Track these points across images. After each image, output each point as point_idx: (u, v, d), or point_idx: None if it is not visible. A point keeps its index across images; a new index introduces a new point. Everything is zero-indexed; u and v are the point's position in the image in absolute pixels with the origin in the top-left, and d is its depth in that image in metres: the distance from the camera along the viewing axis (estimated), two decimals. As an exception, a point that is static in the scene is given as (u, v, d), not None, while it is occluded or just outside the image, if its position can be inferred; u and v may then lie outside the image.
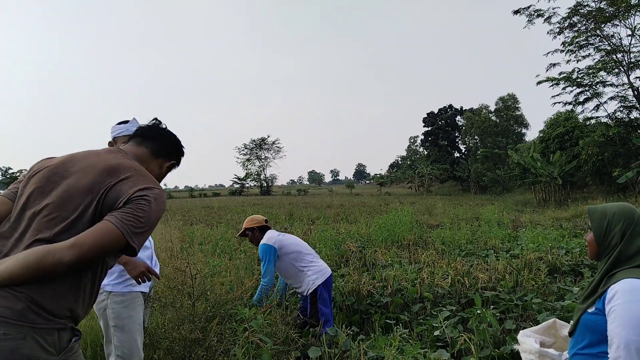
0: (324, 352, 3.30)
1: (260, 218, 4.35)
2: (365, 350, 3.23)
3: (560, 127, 30.83)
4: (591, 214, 2.07)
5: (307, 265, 4.25)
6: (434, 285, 5.37)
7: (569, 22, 25.87)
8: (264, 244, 4.16)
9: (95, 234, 1.48)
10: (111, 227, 1.50)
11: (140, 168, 1.75)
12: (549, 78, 27.58)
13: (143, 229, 1.56)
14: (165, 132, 2.01)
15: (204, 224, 14.86)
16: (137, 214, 1.55)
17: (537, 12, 26.48)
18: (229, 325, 3.43)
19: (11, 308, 1.41)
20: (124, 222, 1.51)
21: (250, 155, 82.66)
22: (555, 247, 7.54)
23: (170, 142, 2.00)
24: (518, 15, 27.03)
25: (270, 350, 2.92)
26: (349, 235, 9.31)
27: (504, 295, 5.03)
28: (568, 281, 5.85)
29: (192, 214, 21.67)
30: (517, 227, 12.30)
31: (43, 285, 1.46)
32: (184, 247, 7.99)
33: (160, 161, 1.96)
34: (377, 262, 7.03)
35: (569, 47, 26.36)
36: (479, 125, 54.00)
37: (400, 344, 3.09)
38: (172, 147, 2.01)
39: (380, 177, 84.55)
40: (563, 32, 26.46)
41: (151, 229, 1.62)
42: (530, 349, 2.39)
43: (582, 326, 2.03)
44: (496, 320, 3.90)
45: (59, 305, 1.50)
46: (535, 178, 26.74)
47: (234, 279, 5.12)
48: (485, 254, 7.46)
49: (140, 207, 1.56)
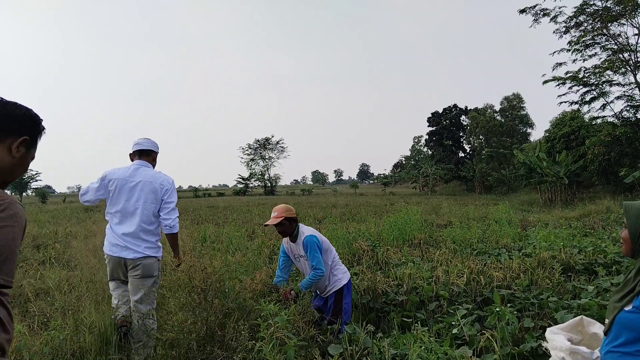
0: (345, 349, 3.30)
1: (292, 208, 4.24)
2: (387, 347, 3.22)
3: (566, 126, 30.71)
4: (627, 210, 2.01)
5: (336, 265, 4.31)
6: (449, 283, 5.36)
7: (575, 21, 25.81)
8: (313, 236, 4.10)
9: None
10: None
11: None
12: (555, 77, 27.52)
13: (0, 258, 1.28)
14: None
15: (211, 223, 14.88)
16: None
17: (543, 11, 26.46)
18: (249, 322, 3.43)
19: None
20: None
21: (254, 155, 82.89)
22: (568, 246, 7.51)
23: (4, 118, 1.49)
24: (524, 14, 27.01)
25: (294, 347, 2.92)
26: (359, 234, 9.30)
27: (519, 293, 5.02)
28: (582, 280, 5.83)
29: (198, 213, 21.68)
30: (526, 226, 12.27)
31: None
32: (196, 246, 8.01)
33: (8, 143, 1.49)
34: (389, 261, 7.03)
35: (575, 46, 26.32)
36: (483, 124, 53.86)
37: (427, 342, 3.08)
38: (11, 120, 1.50)
39: (384, 177, 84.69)
40: (569, 31, 26.42)
41: (11, 253, 1.32)
42: (560, 346, 2.37)
43: (617, 324, 2.00)
44: (515, 318, 3.90)
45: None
46: (541, 178, 26.63)
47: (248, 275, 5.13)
48: (497, 253, 7.44)
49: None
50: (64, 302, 4.71)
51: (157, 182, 3.82)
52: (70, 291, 5.29)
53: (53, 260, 7.79)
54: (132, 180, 3.78)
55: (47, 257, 7.96)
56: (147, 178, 3.81)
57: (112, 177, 3.81)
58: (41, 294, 5.51)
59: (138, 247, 3.71)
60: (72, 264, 7.41)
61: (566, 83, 27.37)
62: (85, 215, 20.45)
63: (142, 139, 3.98)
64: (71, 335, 3.55)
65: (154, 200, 3.80)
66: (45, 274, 6.16)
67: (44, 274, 6.13)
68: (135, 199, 3.76)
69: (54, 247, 9.42)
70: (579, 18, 25.49)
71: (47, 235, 12.20)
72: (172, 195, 3.86)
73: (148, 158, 3.96)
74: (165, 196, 3.82)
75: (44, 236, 11.90)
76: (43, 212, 25.07)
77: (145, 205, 3.76)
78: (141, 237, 3.74)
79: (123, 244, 3.70)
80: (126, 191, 3.77)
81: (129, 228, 3.73)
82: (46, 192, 61.15)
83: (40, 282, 5.88)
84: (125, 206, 3.76)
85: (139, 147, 3.93)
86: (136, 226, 3.73)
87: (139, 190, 3.76)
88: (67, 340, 3.48)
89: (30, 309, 4.63)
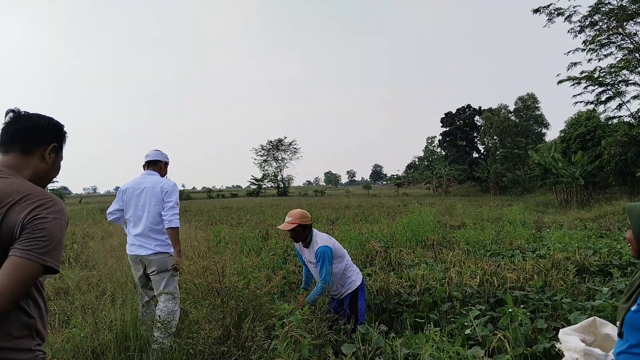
0: (358, 349, 3.35)
1: (308, 214, 4.27)
2: (399, 347, 3.26)
3: (581, 126, 30.36)
4: (630, 212, 2.03)
5: (349, 268, 4.36)
6: (462, 284, 5.38)
7: (590, 20, 25.50)
8: (325, 246, 4.11)
9: (8, 273, 1.48)
10: (19, 261, 1.50)
11: (23, 186, 1.64)
12: (570, 77, 27.21)
13: (49, 246, 1.55)
14: (25, 124, 1.76)
15: (225, 224, 15.01)
16: (37, 236, 1.54)
17: (557, 10, 26.18)
18: (264, 322, 3.49)
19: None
20: (27, 250, 1.51)
21: (267, 156, 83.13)
22: (582, 247, 7.47)
23: (34, 130, 1.76)
24: (538, 14, 26.75)
25: (308, 345, 2.98)
26: (372, 235, 9.33)
27: (533, 294, 5.02)
28: (597, 281, 5.81)
29: (212, 214, 21.87)
30: (540, 227, 12.19)
31: None
32: (212, 247, 8.11)
33: (39, 153, 1.77)
34: (402, 262, 7.05)
35: (590, 45, 25.99)
36: (498, 125, 53.46)
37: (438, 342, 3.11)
38: (40, 132, 1.78)
39: (397, 178, 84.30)
40: (584, 30, 26.11)
41: (60, 242, 1.61)
42: (574, 347, 2.38)
43: (627, 325, 2.01)
44: (528, 319, 3.91)
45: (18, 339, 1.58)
46: (556, 178, 26.37)
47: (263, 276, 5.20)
48: (511, 254, 7.43)
49: (37, 228, 1.54)
50: (84, 300, 4.84)
51: (158, 186, 4.32)
52: (90, 290, 5.42)
53: (72, 260, 7.94)
54: (139, 188, 4.33)
55: (66, 257, 8.12)
56: (151, 184, 4.34)
57: (124, 188, 4.40)
58: (61, 293, 5.65)
59: (149, 245, 4.24)
60: (90, 264, 7.56)
61: (581, 83, 27.04)
62: (101, 217, 20.73)
63: (151, 151, 4.57)
64: (91, 333, 3.66)
65: (157, 203, 4.30)
66: (64, 273, 6.30)
67: (64, 274, 6.27)
68: (142, 203, 4.29)
69: (72, 247, 9.60)
70: (594, 17, 25.19)
71: (66, 236, 12.39)
72: (171, 196, 4.34)
73: (155, 167, 4.52)
74: (165, 197, 4.32)
75: (62, 237, 12.11)
76: (60, 213, 25.43)
77: (150, 207, 4.28)
78: (151, 236, 4.26)
79: (138, 244, 4.25)
80: (135, 198, 4.31)
81: (140, 229, 4.27)
82: (63, 193, 61.99)
83: (59, 282, 6.02)
84: (135, 211, 4.31)
85: (147, 159, 4.54)
86: (145, 227, 4.26)
87: (144, 195, 4.30)
88: (88, 338, 3.59)
89: (51, 308, 4.75)
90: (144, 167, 4.53)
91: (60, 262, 1.61)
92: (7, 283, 1.47)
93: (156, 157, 4.53)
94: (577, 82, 27.12)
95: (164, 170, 4.59)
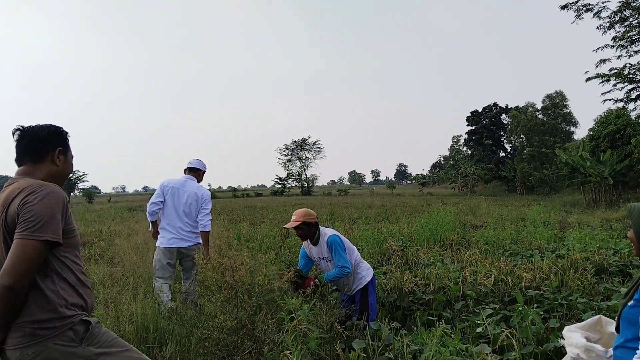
0: (367, 345, 3.42)
1: (313, 212, 4.39)
2: (408, 343, 3.33)
3: (611, 125, 29.60)
4: (631, 211, 2.09)
5: (359, 264, 4.43)
6: (476, 283, 5.38)
7: (620, 16, 24.96)
8: (335, 236, 4.26)
9: (13, 254, 1.76)
10: (18, 242, 1.77)
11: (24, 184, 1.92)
12: (599, 74, 26.69)
13: (39, 222, 1.80)
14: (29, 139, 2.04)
15: (248, 223, 15.21)
16: (27, 217, 1.80)
17: (586, 6, 25.72)
18: (276, 316, 3.60)
19: (22, 336, 1.81)
20: (22, 231, 1.78)
21: (291, 155, 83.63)
22: (603, 247, 7.36)
23: (38, 143, 2.05)
24: (566, 10, 26.28)
25: (316, 339, 3.07)
26: (391, 234, 9.36)
27: (548, 294, 5.00)
28: (616, 282, 5.74)
29: (236, 213, 22.16)
30: (565, 227, 12.00)
31: (28, 306, 1.82)
32: (231, 245, 8.27)
33: (49, 159, 2.07)
34: (419, 261, 7.08)
35: (620, 42, 25.43)
36: (525, 123, 52.52)
37: (443, 338, 3.16)
38: (43, 143, 2.06)
39: (422, 177, 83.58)
40: (613, 26, 25.58)
41: (51, 218, 1.83)
42: (576, 343, 2.41)
43: (623, 320, 2.06)
44: (539, 318, 3.92)
45: (51, 311, 1.84)
46: (584, 178, 25.82)
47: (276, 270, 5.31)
48: (529, 254, 7.37)
49: (26, 211, 1.81)
50: (107, 294, 5.03)
51: (199, 193, 5.09)
52: (113, 285, 5.62)
53: (98, 257, 8.22)
54: (184, 190, 5.06)
55: (92, 254, 8.39)
56: (193, 189, 5.09)
57: (169, 185, 5.06)
58: (86, 288, 5.85)
59: (191, 238, 5.03)
60: (115, 260, 7.80)
61: (610, 80, 26.51)
62: (128, 215, 21.27)
63: (194, 159, 5.34)
64: (112, 325, 3.82)
65: (196, 206, 5.06)
66: (90, 269, 6.53)
67: (89, 270, 6.50)
68: (189, 203, 5.02)
69: (99, 244, 9.91)
70: (624, 13, 24.63)
71: (93, 233, 12.83)
72: (208, 204, 5.13)
73: (195, 174, 5.28)
74: (203, 204, 5.09)
75: (90, 234, 12.52)
76: (89, 211, 26.24)
77: (193, 209, 5.03)
78: (193, 231, 5.05)
79: (180, 237, 4.96)
80: (179, 196, 5.02)
81: (183, 225, 4.99)
82: (92, 192, 63.43)
83: (86, 277, 6.23)
84: (182, 208, 5.00)
85: (190, 165, 5.28)
86: (190, 224, 5.03)
87: (187, 196, 5.03)
88: (109, 329, 3.75)
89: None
90: (185, 171, 5.26)
91: (58, 235, 1.85)
92: (12, 262, 1.74)
93: (198, 166, 5.28)
94: (607, 79, 26.59)
95: (201, 177, 5.34)
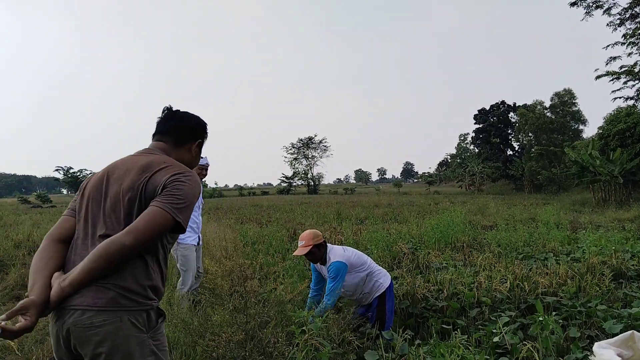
0: (381, 356, 3.29)
1: (319, 232, 4.14)
2: (424, 355, 3.19)
3: (621, 123, 29.23)
4: None
5: (374, 272, 4.26)
6: (491, 289, 5.21)
7: (631, 12, 24.65)
8: (340, 262, 3.98)
9: (145, 218, 1.74)
10: (156, 210, 1.76)
11: (169, 160, 1.97)
12: (609, 72, 26.38)
13: (183, 204, 1.81)
14: (178, 122, 2.13)
15: (255, 223, 15.10)
16: (175, 193, 1.80)
17: (596, 3, 25.40)
18: (286, 329, 3.47)
19: (103, 298, 1.69)
20: (165, 203, 1.77)
21: (297, 154, 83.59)
22: (620, 250, 7.16)
23: (185, 129, 2.13)
24: (575, 7, 25.96)
25: (328, 354, 2.93)
26: (400, 236, 9.20)
27: (566, 301, 4.82)
28: (635, 287, 5.56)
29: (242, 212, 22.07)
30: (576, 228, 11.78)
31: (121, 272, 1.73)
32: (238, 247, 8.16)
33: (187, 147, 2.14)
34: (430, 265, 6.92)
35: (631, 39, 25.10)
36: (533, 122, 52.14)
37: (463, 352, 3.02)
38: (190, 131, 2.15)
39: (428, 175, 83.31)
40: (624, 23, 25.27)
41: (191, 205, 1.85)
42: (610, 360, 2.28)
43: None
44: (559, 328, 3.77)
45: (140, 285, 1.77)
46: (594, 177, 25.51)
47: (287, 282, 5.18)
48: (544, 257, 7.19)
49: (176, 187, 1.82)
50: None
51: None
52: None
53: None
54: None
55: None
56: None
57: None
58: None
59: None
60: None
61: (621, 78, 26.20)
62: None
63: None
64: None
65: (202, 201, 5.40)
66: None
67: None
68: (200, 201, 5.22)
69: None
70: (635, 9, 24.29)
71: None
72: None
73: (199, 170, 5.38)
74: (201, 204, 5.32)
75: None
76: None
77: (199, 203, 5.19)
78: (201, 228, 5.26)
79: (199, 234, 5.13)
80: None
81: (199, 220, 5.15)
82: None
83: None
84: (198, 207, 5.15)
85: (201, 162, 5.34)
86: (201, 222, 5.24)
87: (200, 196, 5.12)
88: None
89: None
90: None
91: (187, 224, 1.86)
92: (141, 225, 1.72)
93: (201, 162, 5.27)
94: (617, 77, 26.29)
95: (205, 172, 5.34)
